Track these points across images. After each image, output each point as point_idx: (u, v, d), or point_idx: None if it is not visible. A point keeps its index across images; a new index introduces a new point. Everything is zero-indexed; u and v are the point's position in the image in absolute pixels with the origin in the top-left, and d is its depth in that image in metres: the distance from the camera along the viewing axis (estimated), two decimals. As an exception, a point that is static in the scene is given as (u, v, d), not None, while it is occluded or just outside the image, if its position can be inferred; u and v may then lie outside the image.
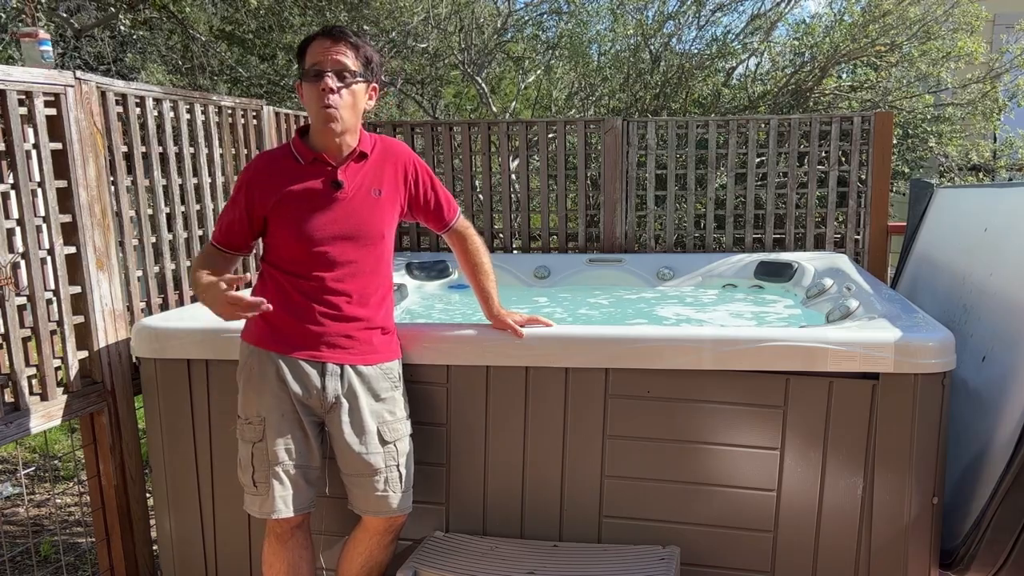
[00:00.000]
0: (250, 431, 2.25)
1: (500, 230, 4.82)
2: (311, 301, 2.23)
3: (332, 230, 2.22)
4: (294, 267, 2.24)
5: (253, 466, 2.24)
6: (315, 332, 2.24)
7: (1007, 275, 2.77)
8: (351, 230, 2.24)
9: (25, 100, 2.48)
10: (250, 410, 2.26)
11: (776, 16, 7.60)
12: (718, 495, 2.47)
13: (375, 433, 2.28)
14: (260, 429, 2.23)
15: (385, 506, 2.31)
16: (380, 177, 2.30)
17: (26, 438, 3.04)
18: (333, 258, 2.23)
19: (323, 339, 2.24)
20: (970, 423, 2.64)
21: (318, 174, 2.24)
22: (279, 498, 2.22)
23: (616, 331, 2.53)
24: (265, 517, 2.25)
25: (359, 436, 2.27)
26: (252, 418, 2.25)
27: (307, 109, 2.21)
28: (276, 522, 2.27)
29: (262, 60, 7.96)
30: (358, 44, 2.19)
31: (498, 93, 8.72)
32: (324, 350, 2.24)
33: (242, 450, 2.28)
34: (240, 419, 2.29)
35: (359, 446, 2.27)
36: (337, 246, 2.23)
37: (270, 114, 3.80)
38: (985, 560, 2.31)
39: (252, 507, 2.27)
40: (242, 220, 2.26)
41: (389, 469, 2.30)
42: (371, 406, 2.29)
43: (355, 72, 2.16)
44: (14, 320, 2.44)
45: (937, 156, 7.86)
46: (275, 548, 2.33)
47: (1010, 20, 7.93)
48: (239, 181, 2.30)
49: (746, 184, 4.59)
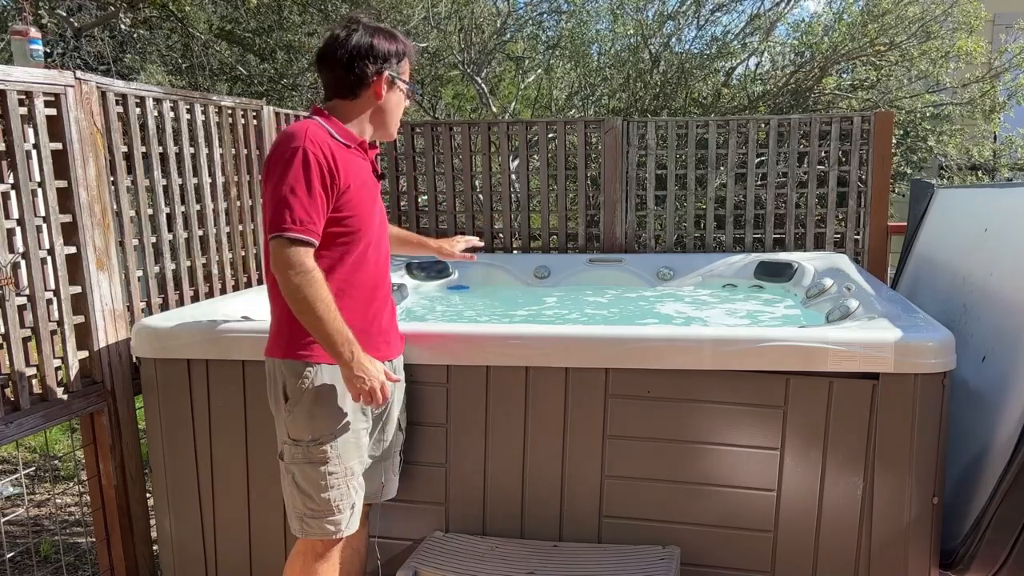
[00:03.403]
0: (319, 452, 2.07)
1: (500, 230, 4.81)
2: (372, 300, 2.14)
3: (378, 222, 2.20)
4: (354, 264, 2.07)
5: (330, 487, 2.07)
6: (375, 332, 2.16)
7: (1007, 275, 2.78)
8: (384, 223, 2.27)
9: (25, 100, 2.47)
10: (318, 430, 2.07)
11: (776, 16, 7.60)
12: (718, 495, 2.47)
13: (396, 421, 2.36)
14: (335, 447, 2.08)
15: (390, 489, 2.40)
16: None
17: (26, 438, 3.04)
18: (383, 250, 2.22)
19: (382, 337, 2.20)
20: (970, 423, 2.64)
21: (365, 161, 2.14)
22: (357, 511, 2.15)
23: (616, 331, 2.53)
24: (339, 536, 2.11)
25: (387, 426, 2.33)
26: (322, 437, 2.07)
27: (389, 111, 2.12)
28: (326, 542, 2.12)
29: (262, 59, 7.96)
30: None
31: (498, 93, 8.71)
32: (382, 348, 2.19)
33: (309, 474, 2.08)
34: (305, 442, 2.07)
35: (387, 435, 2.33)
36: (382, 239, 2.23)
37: (270, 114, 3.80)
38: (985, 560, 2.31)
39: (325, 527, 2.09)
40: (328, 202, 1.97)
41: (396, 454, 2.40)
42: (398, 395, 2.36)
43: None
44: (14, 320, 2.44)
45: (937, 156, 7.86)
46: (313, 567, 2.13)
47: (1010, 20, 7.93)
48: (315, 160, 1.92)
49: (746, 184, 4.59)
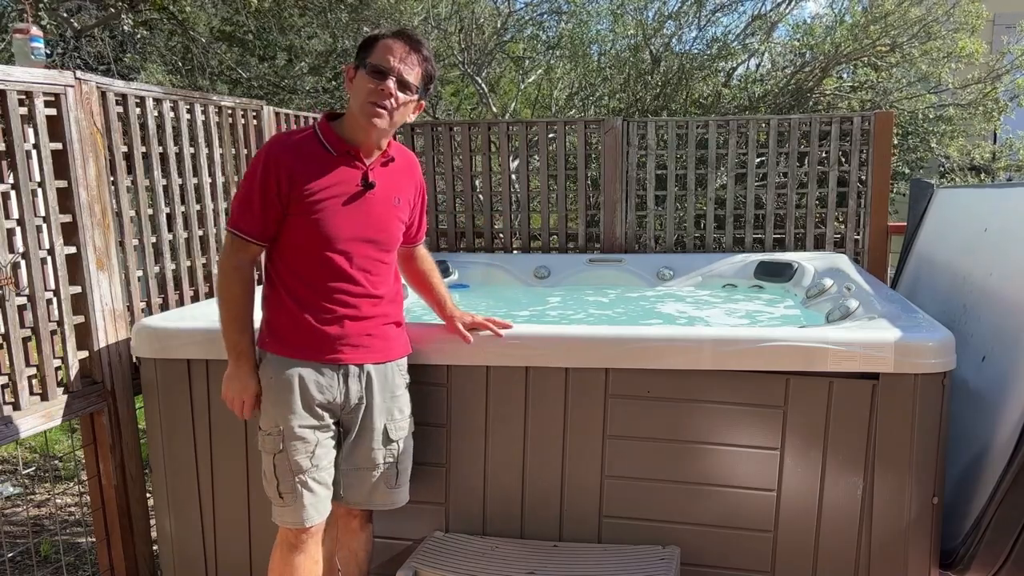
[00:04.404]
0: (270, 442, 2.17)
1: (500, 230, 4.81)
2: (330, 303, 2.16)
3: (358, 230, 2.16)
4: (312, 266, 2.14)
5: (277, 477, 2.16)
6: (335, 334, 2.17)
7: (1007, 275, 2.77)
8: (374, 233, 2.20)
9: (25, 100, 2.48)
10: (268, 421, 2.18)
11: (776, 16, 7.59)
12: (718, 495, 2.46)
13: (381, 431, 2.28)
14: (279, 440, 2.15)
15: (380, 500, 2.33)
16: (400, 186, 2.27)
17: (26, 438, 3.04)
18: (355, 258, 2.17)
19: (344, 340, 2.18)
20: (970, 423, 2.63)
21: (350, 169, 2.15)
22: (309, 505, 2.16)
23: (616, 331, 2.53)
24: (297, 527, 2.17)
25: (367, 433, 2.26)
26: (271, 429, 2.17)
27: (353, 97, 2.11)
28: (295, 532, 2.19)
29: (262, 61, 7.96)
30: (428, 58, 2.15)
31: (498, 93, 8.71)
32: (346, 352, 2.19)
33: (265, 462, 2.20)
34: (260, 431, 2.21)
35: (365, 442, 2.26)
36: (360, 247, 2.17)
37: (270, 114, 3.80)
38: (985, 560, 2.31)
39: (284, 518, 2.19)
40: (275, 206, 2.09)
41: (388, 465, 2.30)
42: (383, 404, 2.28)
43: (415, 88, 2.13)
44: (14, 320, 2.44)
45: (937, 156, 7.85)
46: (288, 558, 2.22)
47: (1010, 20, 7.92)
48: (262, 165, 2.09)
49: (746, 184, 4.59)
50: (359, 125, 2.13)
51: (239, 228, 2.13)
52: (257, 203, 2.10)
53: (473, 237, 4.89)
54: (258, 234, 2.13)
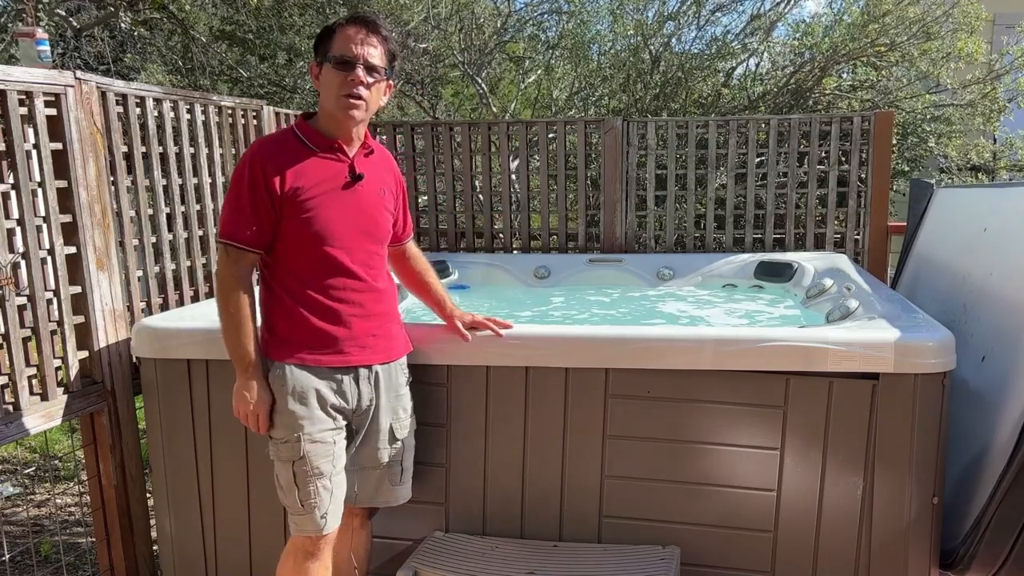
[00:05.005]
0: (287, 450, 2.11)
1: (500, 230, 4.81)
2: (334, 302, 2.13)
3: (353, 224, 2.14)
4: (311, 266, 2.11)
5: (297, 486, 2.10)
6: (343, 336, 2.14)
7: (1007, 275, 2.77)
8: (368, 225, 2.19)
9: (25, 100, 2.48)
10: (283, 429, 2.12)
11: (776, 16, 7.59)
12: (718, 495, 2.46)
13: (387, 431, 2.29)
14: (298, 447, 2.10)
15: (385, 497, 2.33)
16: (382, 179, 2.27)
17: (26, 438, 3.04)
18: (354, 252, 2.14)
19: (353, 342, 2.16)
20: (970, 423, 2.64)
21: (335, 163, 2.14)
22: (330, 511, 2.13)
23: (616, 331, 2.53)
24: (317, 534, 2.12)
25: (374, 434, 2.27)
26: (287, 436, 2.11)
27: (324, 93, 2.10)
28: (313, 540, 2.13)
29: (262, 60, 7.95)
30: (387, 37, 2.12)
31: (498, 93, 8.71)
32: (355, 353, 2.17)
33: (281, 472, 2.14)
34: (273, 440, 2.14)
35: (372, 443, 2.27)
36: (357, 240, 2.15)
37: (270, 114, 3.80)
38: (985, 560, 2.31)
39: (304, 526, 2.13)
40: (268, 209, 2.06)
41: (393, 463, 2.31)
42: (388, 404, 2.28)
43: (382, 70, 2.11)
44: (14, 320, 2.44)
45: (937, 156, 7.85)
46: (303, 566, 2.15)
47: (1010, 21, 7.92)
48: (248, 170, 2.06)
49: (746, 184, 4.59)
50: (336, 120, 2.12)
51: (233, 238, 2.07)
52: (248, 209, 2.06)
53: (473, 237, 4.89)
54: (254, 241, 2.08)
